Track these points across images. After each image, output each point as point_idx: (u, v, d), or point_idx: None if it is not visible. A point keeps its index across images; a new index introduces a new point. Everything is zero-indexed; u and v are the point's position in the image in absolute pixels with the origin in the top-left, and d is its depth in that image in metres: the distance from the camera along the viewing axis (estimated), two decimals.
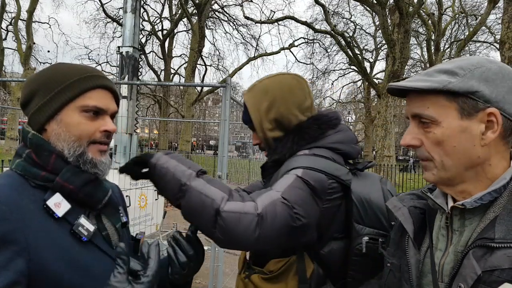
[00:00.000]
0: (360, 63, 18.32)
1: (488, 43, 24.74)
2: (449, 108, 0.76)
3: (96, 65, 24.22)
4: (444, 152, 0.77)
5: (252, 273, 1.27)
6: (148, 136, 39.53)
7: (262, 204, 1.03)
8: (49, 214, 0.81)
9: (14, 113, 20.92)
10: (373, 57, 30.42)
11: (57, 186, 0.84)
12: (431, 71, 0.80)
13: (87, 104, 0.88)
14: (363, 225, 1.18)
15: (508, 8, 9.50)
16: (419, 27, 23.57)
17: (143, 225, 3.95)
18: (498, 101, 0.74)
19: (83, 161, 0.87)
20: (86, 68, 0.92)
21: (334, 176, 1.16)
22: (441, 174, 0.79)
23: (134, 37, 4.28)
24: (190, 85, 14.17)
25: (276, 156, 1.27)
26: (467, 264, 0.72)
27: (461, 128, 0.75)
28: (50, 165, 0.85)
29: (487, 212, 0.76)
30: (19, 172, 0.85)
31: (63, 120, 0.87)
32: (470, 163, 0.76)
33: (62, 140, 0.86)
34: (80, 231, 0.83)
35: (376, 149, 19.89)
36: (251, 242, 1.00)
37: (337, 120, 1.32)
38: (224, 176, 3.25)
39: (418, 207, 0.90)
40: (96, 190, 0.90)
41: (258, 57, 24.29)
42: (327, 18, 18.79)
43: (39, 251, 0.76)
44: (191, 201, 1.03)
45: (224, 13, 24.77)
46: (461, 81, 0.75)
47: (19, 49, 21.73)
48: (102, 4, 23.11)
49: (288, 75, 1.35)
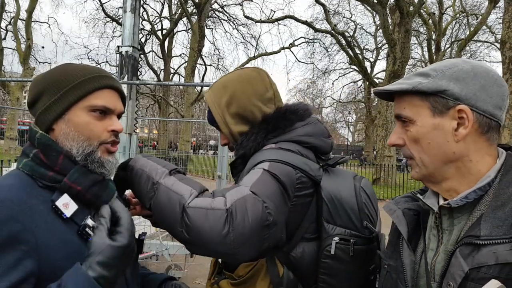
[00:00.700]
0: (360, 62, 18.34)
1: (489, 43, 24.76)
2: (422, 107, 0.81)
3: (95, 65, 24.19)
4: (421, 149, 0.82)
5: (222, 279, 1.21)
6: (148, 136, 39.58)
7: (231, 199, 0.96)
8: (58, 215, 0.82)
9: (13, 113, 20.94)
10: (373, 57, 30.46)
11: (65, 187, 0.84)
12: (410, 75, 0.86)
13: (96, 104, 0.88)
14: (334, 224, 1.11)
15: (508, 7, 9.49)
16: (419, 26, 23.58)
17: (142, 225, 3.93)
18: (469, 98, 0.77)
19: (91, 160, 0.88)
20: (94, 68, 0.93)
21: (303, 170, 1.10)
22: (422, 171, 0.83)
23: (134, 36, 4.26)
24: (190, 84, 14.17)
25: (242, 151, 1.21)
26: (455, 262, 0.73)
27: (434, 125, 0.80)
28: (58, 166, 0.85)
29: (474, 210, 0.77)
30: (27, 172, 0.85)
31: (71, 119, 0.87)
32: (446, 158, 0.80)
33: (71, 139, 0.87)
34: (87, 232, 0.84)
35: (377, 149, 19.88)
36: (220, 241, 0.91)
37: (306, 112, 1.25)
38: (224, 176, 3.23)
39: (412, 209, 0.92)
40: (103, 191, 0.90)
41: (258, 56, 24.35)
42: (327, 18, 18.80)
43: (48, 251, 0.77)
44: (159, 199, 0.98)
45: (224, 13, 24.84)
46: (431, 82, 0.80)
47: (18, 49, 21.74)
48: (101, 4, 23.13)
49: (247, 69, 1.31)
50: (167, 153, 15.95)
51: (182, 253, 4.08)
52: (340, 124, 49.34)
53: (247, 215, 0.93)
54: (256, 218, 0.94)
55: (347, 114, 44.87)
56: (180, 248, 4.08)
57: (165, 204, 0.97)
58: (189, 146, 20.38)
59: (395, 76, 14.45)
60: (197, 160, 18.31)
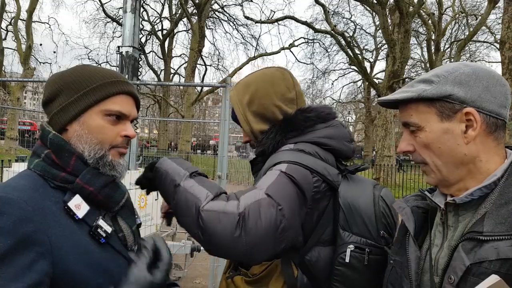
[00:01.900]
0: (360, 63, 18.33)
1: (489, 43, 24.71)
2: (429, 113, 0.83)
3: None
4: (433, 154, 0.83)
5: (236, 274, 1.22)
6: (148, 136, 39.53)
7: (245, 203, 0.96)
8: (70, 216, 0.82)
9: (13, 113, 20.92)
10: (373, 57, 30.45)
11: (77, 188, 0.85)
12: (412, 82, 0.88)
13: (111, 109, 0.89)
14: (350, 232, 1.10)
15: (508, 8, 9.50)
16: (419, 27, 23.58)
17: (143, 225, 3.94)
18: (474, 101, 0.79)
19: (102, 163, 0.88)
20: (112, 73, 0.94)
21: (321, 175, 1.09)
22: (437, 176, 0.85)
23: (134, 37, 4.27)
24: (190, 85, 14.16)
25: (261, 148, 1.22)
26: (457, 257, 0.75)
27: (443, 130, 0.81)
28: (70, 166, 0.86)
29: (479, 208, 0.79)
30: (39, 172, 0.85)
31: (86, 122, 0.88)
32: (458, 161, 0.81)
33: (84, 142, 0.87)
34: (99, 233, 0.85)
35: (377, 149, 19.89)
36: (232, 244, 0.92)
37: (329, 115, 1.24)
38: (224, 176, 3.24)
39: (421, 207, 0.94)
40: (114, 192, 0.91)
41: (258, 57, 24.31)
42: (327, 18, 18.80)
43: (61, 252, 0.77)
44: (178, 201, 1.00)
45: (224, 13, 24.82)
46: (435, 88, 0.81)
47: (19, 49, 21.73)
48: (101, 4, 23.13)
49: (272, 68, 1.32)
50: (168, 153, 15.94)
51: (182, 252, 4.09)
52: None
53: (260, 218, 0.93)
54: (269, 222, 0.94)
55: (346, 114, 44.89)
56: (180, 248, 4.09)
57: (183, 205, 0.99)
58: (189, 146, 20.37)
59: (395, 77, 14.46)
60: (197, 160, 18.31)
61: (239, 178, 13.13)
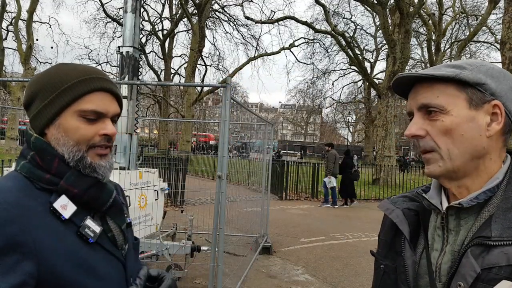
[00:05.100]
0: (360, 63, 18.32)
1: (489, 43, 24.75)
2: (458, 98, 0.79)
3: (96, 65, 24.21)
4: (451, 141, 0.79)
5: None
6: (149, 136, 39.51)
7: None
8: (56, 216, 0.81)
9: (14, 113, 20.93)
10: (373, 57, 30.43)
11: (62, 190, 0.84)
12: (439, 66, 0.84)
13: (85, 109, 0.86)
14: None
15: (508, 8, 9.50)
16: (419, 27, 23.56)
17: (143, 225, 3.94)
18: (502, 96, 0.79)
19: (82, 166, 0.86)
20: (85, 69, 0.90)
21: None
22: (447, 165, 0.80)
23: (134, 37, 4.27)
24: (190, 85, 14.15)
25: None
26: (466, 263, 0.73)
27: (470, 117, 0.78)
28: (53, 169, 0.85)
29: (482, 211, 0.78)
30: (24, 174, 0.85)
31: (62, 124, 0.86)
32: (476, 153, 0.79)
33: (62, 145, 0.85)
34: (87, 233, 0.83)
35: (377, 150, 19.87)
36: None
37: None
38: (224, 176, 3.24)
39: (411, 209, 0.91)
40: (101, 192, 0.90)
41: (259, 57, 24.30)
42: (327, 18, 18.79)
43: (47, 253, 0.77)
44: None
45: (224, 13, 24.81)
46: (470, 73, 0.79)
47: (19, 49, 21.74)
48: (102, 4, 23.14)
49: None
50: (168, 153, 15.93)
51: (182, 253, 4.09)
52: (339, 124, 49.33)
53: None
54: None
55: (347, 114, 44.85)
56: (180, 248, 4.09)
57: None
58: (189, 146, 20.37)
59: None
60: (197, 160, 18.29)
61: (239, 178, 13.13)
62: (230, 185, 3.76)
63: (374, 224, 6.46)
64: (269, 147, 6.82)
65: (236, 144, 32.97)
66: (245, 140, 53.45)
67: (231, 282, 4.08)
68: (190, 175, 11.60)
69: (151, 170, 4.37)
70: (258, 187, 6.90)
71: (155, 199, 4.29)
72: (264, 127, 7.01)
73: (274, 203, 10.08)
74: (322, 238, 7.05)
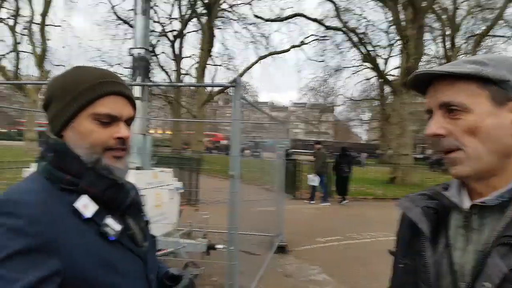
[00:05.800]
0: (373, 59, 18.11)
1: (507, 38, 24.10)
2: (481, 96, 0.77)
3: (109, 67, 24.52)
4: (477, 140, 0.77)
5: None
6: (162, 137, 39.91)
7: None
8: (77, 216, 0.84)
9: (31, 115, 21.40)
10: (386, 54, 30.04)
11: (82, 190, 0.86)
12: (458, 62, 0.81)
13: (99, 112, 0.88)
14: None
15: None
16: (433, 22, 23.13)
17: (159, 223, 3.98)
18: None
19: (99, 167, 0.89)
20: (100, 73, 0.92)
21: None
22: (476, 165, 0.77)
23: (145, 38, 4.31)
24: (200, 85, 14.24)
25: None
26: (491, 263, 0.71)
27: (494, 116, 0.76)
28: (73, 170, 0.87)
29: (506, 210, 0.76)
30: (46, 176, 0.87)
31: (77, 128, 0.88)
32: (505, 151, 0.76)
33: (78, 147, 0.88)
34: (108, 231, 0.86)
35: (393, 148, 19.60)
36: None
37: None
38: (237, 175, 3.23)
39: (431, 207, 0.88)
40: (119, 192, 0.92)
41: (269, 55, 24.27)
42: (338, 15, 18.64)
43: (71, 251, 0.79)
44: None
45: (233, 12, 24.83)
46: (493, 70, 0.76)
47: (34, 52, 22.20)
48: (112, 6, 23.46)
49: None
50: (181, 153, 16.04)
51: (199, 250, 4.11)
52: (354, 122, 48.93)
53: None
54: None
55: (360, 112, 44.45)
56: (196, 246, 4.11)
57: None
58: (202, 146, 20.49)
59: (410, 73, 14.22)
60: (210, 160, 18.38)
61: (252, 178, 13.11)
62: (243, 185, 3.75)
63: (391, 223, 6.41)
64: (282, 146, 6.79)
65: (248, 144, 33.06)
66: (257, 140, 53.55)
67: (247, 281, 4.08)
68: (203, 175, 11.64)
69: (165, 170, 4.41)
70: (271, 187, 6.88)
71: (171, 198, 4.32)
72: (275, 126, 6.98)
73: (288, 203, 10.06)
74: (338, 237, 7.02)
